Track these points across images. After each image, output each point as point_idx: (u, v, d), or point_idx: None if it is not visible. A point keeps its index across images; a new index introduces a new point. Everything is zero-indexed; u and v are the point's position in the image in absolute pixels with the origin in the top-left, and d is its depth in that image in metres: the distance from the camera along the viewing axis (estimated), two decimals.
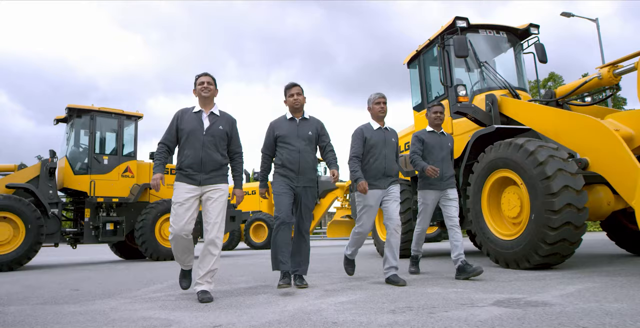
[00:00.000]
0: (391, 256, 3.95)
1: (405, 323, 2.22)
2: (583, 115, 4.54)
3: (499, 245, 4.73)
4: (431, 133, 4.56)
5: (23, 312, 3.01)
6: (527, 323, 2.08)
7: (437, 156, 4.44)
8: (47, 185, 8.56)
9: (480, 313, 2.36)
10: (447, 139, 4.61)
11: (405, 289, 3.51)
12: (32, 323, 2.60)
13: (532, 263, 4.32)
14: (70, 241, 9.29)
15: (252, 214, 15.16)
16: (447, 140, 4.61)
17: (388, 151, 4.12)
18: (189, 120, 3.56)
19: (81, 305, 3.24)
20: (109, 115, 9.51)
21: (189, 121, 3.55)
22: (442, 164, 4.42)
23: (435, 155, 4.45)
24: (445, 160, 4.47)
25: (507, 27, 6.63)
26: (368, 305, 2.79)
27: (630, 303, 2.47)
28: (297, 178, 3.81)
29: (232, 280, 4.63)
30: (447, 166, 4.45)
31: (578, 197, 4.11)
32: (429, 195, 4.44)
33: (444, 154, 4.48)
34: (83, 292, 4.07)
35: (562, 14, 16.11)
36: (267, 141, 3.99)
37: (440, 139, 4.54)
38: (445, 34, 6.39)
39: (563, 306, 2.47)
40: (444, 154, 4.49)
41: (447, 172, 4.44)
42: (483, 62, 6.32)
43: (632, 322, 2.03)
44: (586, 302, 2.57)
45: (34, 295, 3.92)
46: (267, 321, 2.41)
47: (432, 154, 4.46)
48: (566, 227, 4.08)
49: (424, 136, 4.54)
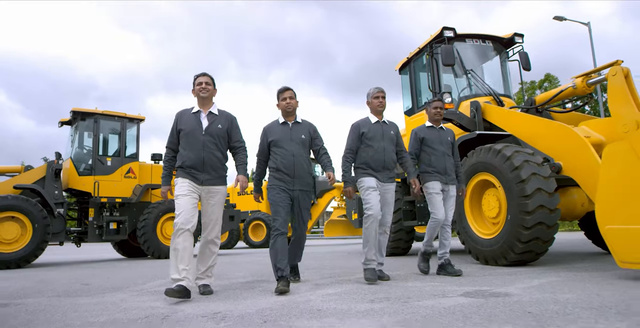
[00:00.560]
0: (378, 253, 4.10)
1: (380, 310, 2.56)
2: (556, 123, 4.87)
3: (479, 243, 5.07)
4: (430, 128, 4.59)
5: (41, 303, 3.35)
6: (483, 310, 2.41)
7: (438, 150, 4.46)
8: (52, 186, 8.89)
9: (447, 302, 2.70)
10: (447, 134, 4.62)
11: (387, 283, 3.85)
12: (52, 312, 2.93)
13: (509, 260, 4.66)
14: (74, 240, 9.63)
15: (251, 214, 15.49)
16: (447, 134, 4.61)
17: (387, 144, 4.14)
18: (188, 121, 3.62)
19: (93, 298, 3.57)
20: (111, 118, 9.84)
21: (187, 121, 3.61)
22: (443, 158, 4.45)
23: (436, 149, 4.46)
24: (446, 156, 4.48)
25: (493, 37, 6.96)
26: (351, 296, 3.13)
27: (580, 294, 2.81)
28: (292, 182, 3.81)
29: (230, 275, 4.96)
30: (448, 161, 4.47)
31: (550, 199, 4.45)
32: (435, 184, 4.38)
33: (444, 148, 4.49)
34: (93, 286, 4.40)
35: (554, 18, 16.45)
36: (261, 147, 4.03)
37: (440, 133, 4.56)
38: (434, 42, 6.73)
39: (521, 296, 2.81)
40: (444, 148, 4.50)
41: (448, 167, 4.45)
42: (469, 70, 6.66)
43: (572, 308, 2.37)
44: (543, 293, 2.91)
45: (47, 289, 4.25)
46: (260, 309, 2.75)
47: (432, 149, 4.47)
48: (539, 227, 4.43)
49: (423, 132, 4.57)
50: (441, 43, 6.49)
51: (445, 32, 6.52)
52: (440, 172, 4.39)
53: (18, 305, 3.27)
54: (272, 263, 3.74)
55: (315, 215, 15.88)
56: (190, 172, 3.51)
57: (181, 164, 3.56)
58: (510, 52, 7.07)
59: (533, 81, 31.23)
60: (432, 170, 4.40)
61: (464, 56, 6.78)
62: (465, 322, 2.14)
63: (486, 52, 7.03)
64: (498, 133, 5.60)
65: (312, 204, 17.60)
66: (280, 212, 3.74)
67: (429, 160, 4.45)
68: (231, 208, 11.63)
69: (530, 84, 31.32)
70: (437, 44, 6.67)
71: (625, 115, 4.11)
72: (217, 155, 3.60)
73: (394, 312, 2.47)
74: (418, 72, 7.44)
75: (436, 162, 4.41)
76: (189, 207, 3.39)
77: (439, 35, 6.58)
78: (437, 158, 4.43)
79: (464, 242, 5.40)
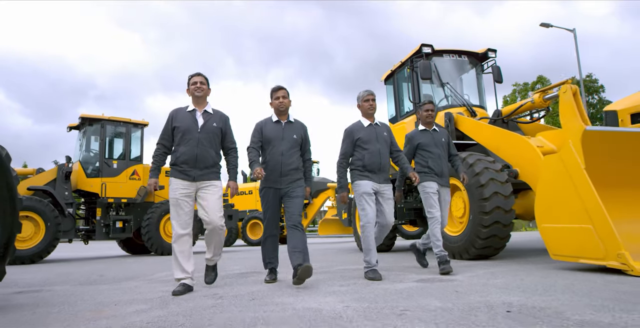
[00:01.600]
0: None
1: (344, 291, 3.22)
2: (514, 134, 5.53)
3: (448, 239, 5.73)
4: (424, 132, 4.64)
5: (69, 290, 4.00)
6: (424, 290, 3.07)
7: (434, 153, 4.51)
8: (63, 188, 9.56)
9: (400, 286, 3.36)
10: (441, 134, 4.66)
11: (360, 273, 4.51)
12: (81, 295, 3.58)
13: (471, 254, 5.33)
14: (83, 237, 10.30)
15: (249, 213, 16.17)
16: (441, 135, 4.65)
17: (381, 146, 4.18)
18: (184, 119, 3.69)
19: (111, 285, 4.23)
20: (117, 123, 10.50)
21: (183, 120, 3.69)
22: (440, 160, 4.50)
23: (432, 152, 4.51)
24: (442, 158, 4.54)
25: (468, 52, 7.61)
26: (325, 282, 3.79)
27: (508, 280, 3.47)
28: (279, 181, 3.90)
29: (228, 269, 5.62)
30: (444, 163, 4.54)
31: (506, 201, 5.11)
32: (432, 184, 4.44)
33: (440, 150, 4.54)
34: (108, 277, 5.06)
35: (541, 25, 17.09)
36: (255, 139, 4.03)
37: (433, 135, 4.61)
38: (414, 57, 7.38)
39: (461, 282, 3.47)
40: (440, 150, 4.55)
41: (444, 169, 4.52)
42: (445, 82, 7.31)
43: (491, 287, 3.03)
44: (480, 279, 3.57)
45: (69, 280, 4.91)
46: (250, 291, 3.41)
47: (429, 152, 4.51)
48: (496, 225, 5.09)
49: (417, 137, 4.62)
50: (420, 58, 7.14)
51: (424, 48, 7.17)
52: (438, 174, 4.46)
53: (50, 291, 3.92)
54: (262, 259, 4.15)
55: (311, 214, 16.55)
56: (183, 169, 3.60)
57: (175, 160, 3.66)
58: (485, 65, 7.74)
59: (526, 83, 31.93)
60: (430, 171, 4.46)
61: (441, 70, 7.42)
62: (407, 298, 2.80)
63: (462, 65, 7.68)
64: (467, 142, 6.26)
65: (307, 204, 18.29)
66: (270, 217, 3.99)
67: (427, 163, 4.49)
68: (229, 208, 12.31)
69: (523, 86, 32.06)
70: (416, 58, 7.31)
71: (572, 127, 4.78)
72: (210, 152, 3.68)
73: (354, 292, 3.13)
74: (401, 83, 8.08)
75: (434, 164, 4.47)
76: (184, 212, 3.56)
77: (418, 51, 7.22)
78: (434, 161, 4.48)
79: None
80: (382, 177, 4.15)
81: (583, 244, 3.68)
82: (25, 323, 2.46)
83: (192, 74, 3.81)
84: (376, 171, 4.12)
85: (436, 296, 2.81)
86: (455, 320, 2.09)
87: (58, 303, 3.16)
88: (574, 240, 3.78)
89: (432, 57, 7.30)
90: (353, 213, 8.91)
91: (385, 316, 2.24)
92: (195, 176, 3.60)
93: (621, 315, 2.06)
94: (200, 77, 3.78)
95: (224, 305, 2.80)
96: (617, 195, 3.84)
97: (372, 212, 4.03)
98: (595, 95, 30.51)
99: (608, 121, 8.01)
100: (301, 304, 2.72)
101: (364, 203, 4.05)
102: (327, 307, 2.56)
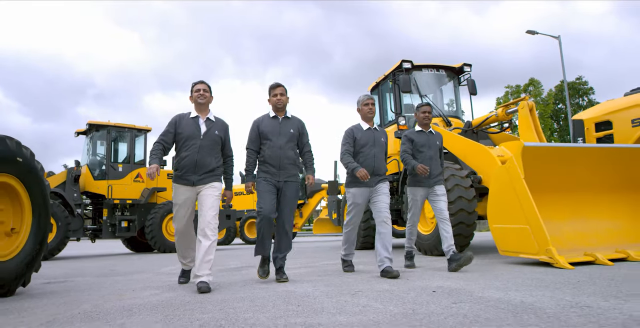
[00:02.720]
0: (382, 247, 4.04)
1: (320, 280, 3.92)
2: (478, 144, 6.24)
3: (420, 237, 6.45)
4: (420, 132, 4.79)
5: (89, 280, 4.70)
6: (381, 278, 3.78)
7: (426, 154, 4.66)
8: (72, 190, 10.28)
9: (365, 275, 4.07)
10: (436, 138, 4.82)
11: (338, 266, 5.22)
12: (101, 284, 4.28)
13: (439, 251, 6.04)
14: (90, 236, 11.02)
15: (247, 212, 16.88)
16: (436, 138, 4.82)
17: (377, 150, 4.32)
18: (187, 126, 3.82)
19: (125, 277, 4.94)
20: (122, 129, 11.21)
21: (186, 126, 3.82)
22: (430, 162, 4.64)
23: (425, 153, 4.66)
24: (433, 159, 4.68)
25: (445, 66, 8.32)
26: (308, 276, 4.49)
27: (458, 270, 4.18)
28: (278, 174, 4.01)
29: (225, 263, 6.33)
30: (435, 164, 4.67)
31: (469, 204, 5.82)
32: (418, 191, 4.64)
33: (432, 152, 4.69)
34: (120, 270, 5.77)
35: (527, 32, 17.79)
36: (252, 136, 4.13)
37: (429, 137, 4.76)
38: (396, 71, 8.08)
39: (414, 271, 4.18)
40: (432, 152, 4.69)
41: (436, 170, 4.67)
42: (424, 94, 8.02)
43: (439, 277, 3.74)
44: (433, 270, 4.28)
45: (85, 273, 5.61)
46: (244, 280, 4.11)
47: (421, 152, 4.67)
48: (460, 225, 5.80)
49: (413, 136, 4.77)
50: (401, 72, 7.84)
51: (404, 64, 7.88)
52: (427, 176, 4.60)
53: (73, 282, 4.63)
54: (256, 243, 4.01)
55: (306, 213, 17.27)
56: (183, 174, 3.77)
57: (176, 165, 3.83)
58: (462, 78, 8.44)
59: (518, 85, 32.62)
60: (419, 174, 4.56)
61: (421, 83, 8.13)
62: (365, 283, 3.50)
63: (440, 79, 8.39)
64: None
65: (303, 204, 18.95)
66: (265, 198, 3.92)
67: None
68: (227, 208, 13.02)
69: (515, 88, 32.77)
70: (398, 72, 8.02)
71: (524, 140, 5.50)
72: (210, 159, 3.81)
73: (326, 280, 3.84)
74: (384, 94, 8.79)
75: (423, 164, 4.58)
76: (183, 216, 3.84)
77: (399, 66, 7.93)
78: (424, 162, 4.64)
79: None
80: (375, 180, 4.30)
81: (522, 241, 4.40)
82: (64, 304, 3.16)
83: (196, 82, 3.95)
84: (370, 175, 4.25)
85: (389, 282, 3.53)
86: (391, 296, 2.80)
87: (85, 290, 3.87)
88: (515, 238, 4.49)
89: (412, 71, 8.01)
90: (342, 214, 9.62)
91: (342, 295, 2.95)
92: (194, 181, 3.76)
93: (521, 293, 2.77)
94: (203, 85, 3.91)
95: (221, 289, 3.51)
96: (549, 199, 4.56)
97: (358, 220, 4.46)
98: (585, 97, 31.25)
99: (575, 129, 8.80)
100: (281, 288, 3.44)
101: (352, 210, 4.40)
102: (300, 290, 3.28)
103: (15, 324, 2.38)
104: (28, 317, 2.57)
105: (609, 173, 4.94)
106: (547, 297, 2.57)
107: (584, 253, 4.28)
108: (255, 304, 2.72)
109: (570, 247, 4.44)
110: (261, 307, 2.60)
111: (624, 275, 3.34)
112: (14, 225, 3.78)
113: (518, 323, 1.94)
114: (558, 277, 3.39)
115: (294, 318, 2.23)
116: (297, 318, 2.24)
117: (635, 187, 5.10)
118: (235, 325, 2.13)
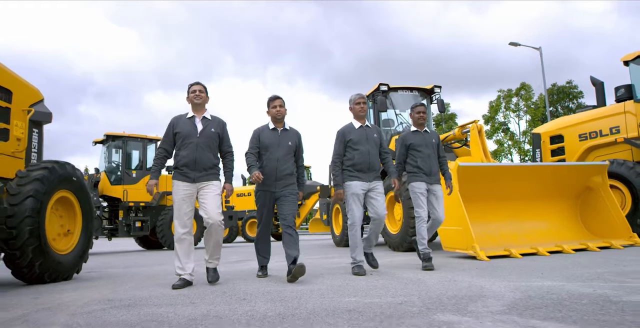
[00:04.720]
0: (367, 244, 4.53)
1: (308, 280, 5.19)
2: None
3: (389, 235, 7.71)
4: (415, 133, 4.88)
5: (119, 271, 5.98)
6: (344, 270, 5.04)
7: (424, 153, 4.75)
8: (92, 194, 11.59)
9: (336, 266, 5.34)
10: (432, 136, 4.90)
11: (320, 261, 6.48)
12: (132, 274, 5.54)
13: (404, 247, 7.31)
14: (107, 235, 12.35)
15: (248, 213, 18.21)
16: (432, 137, 4.90)
17: (371, 147, 4.40)
18: (184, 125, 3.98)
19: (148, 268, 6.22)
20: (136, 139, 12.50)
21: (184, 126, 3.97)
22: (429, 160, 4.74)
23: (422, 152, 4.75)
24: (431, 157, 4.78)
25: (418, 88, 9.56)
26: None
27: (406, 261, 5.44)
28: (274, 185, 4.20)
29: (227, 258, 7.60)
30: (433, 163, 4.77)
31: None
32: (421, 184, 4.68)
33: (430, 151, 4.78)
34: (142, 264, 7.06)
35: (510, 44, 18.95)
36: (254, 144, 4.30)
37: (425, 136, 4.85)
38: (374, 93, 9.33)
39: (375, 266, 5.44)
40: (430, 151, 4.79)
41: (434, 168, 4.77)
42: (399, 113, 9.28)
43: (391, 267, 5.00)
44: (390, 266, 5.54)
45: (112, 266, 6.90)
46: (242, 270, 5.39)
47: (419, 152, 4.75)
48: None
49: (408, 138, 4.86)
50: (379, 94, 9.09)
51: (381, 86, 9.14)
52: (427, 173, 4.71)
53: (107, 271, 5.91)
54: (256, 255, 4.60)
55: (303, 214, 18.55)
56: (184, 171, 3.90)
57: (176, 163, 3.95)
58: (433, 98, 9.69)
59: (510, 89, 33.80)
60: (418, 171, 4.70)
61: (397, 102, 9.40)
62: (330, 273, 4.76)
63: (414, 98, 9.63)
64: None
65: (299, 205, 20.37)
66: (263, 217, 4.34)
67: (416, 162, 4.74)
68: (230, 209, 14.33)
69: (507, 92, 33.93)
70: (376, 93, 9.27)
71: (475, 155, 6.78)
72: (208, 155, 3.94)
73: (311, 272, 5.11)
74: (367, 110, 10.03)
75: (422, 164, 4.72)
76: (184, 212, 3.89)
77: (377, 88, 9.19)
78: (423, 160, 4.73)
79: (382, 234, 8.05)
80: (372, 175, 4.39)
81: (457, 239, 5.66)
82: (111, 283, 4.42)
83: (192, 83, 4.07)
84: (365, 170, 4.37)
85: (344, 273, 4.79)
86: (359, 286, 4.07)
87: (120, 276, 5.15)
88: (453, 237, 5.76)
89: (389, 92, 9.27)
90: (330, 215, 10.90)
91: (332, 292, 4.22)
92: (194, 178, 3.89)
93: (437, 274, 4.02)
94: (199, 86, 4.04)
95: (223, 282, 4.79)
96: (478, 207, 5.84)
97: (358, 212, 4.34)
98: (575, 100, 32.38)
99: (534, 141, 10.09)
100: (274, 286, 4.72)
101: (351, 203, 4.35)
102: (289, 288, 4.55)
103: (91, 295, 3.65)
104: (96, 290, 3.85)
105: (531, 186, 6.21)
106: (448, 278, 3.84)
107: (503, 248, 5.55)
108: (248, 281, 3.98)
109: (493, 244, 5.71)
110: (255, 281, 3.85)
111: (521, 266, 4.59)
112: (69, 227, 5.08)
113: (404, 290, 3.21)
114: (470, 265, 4.66)
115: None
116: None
117: (550, 196, 6.38)
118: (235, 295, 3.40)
